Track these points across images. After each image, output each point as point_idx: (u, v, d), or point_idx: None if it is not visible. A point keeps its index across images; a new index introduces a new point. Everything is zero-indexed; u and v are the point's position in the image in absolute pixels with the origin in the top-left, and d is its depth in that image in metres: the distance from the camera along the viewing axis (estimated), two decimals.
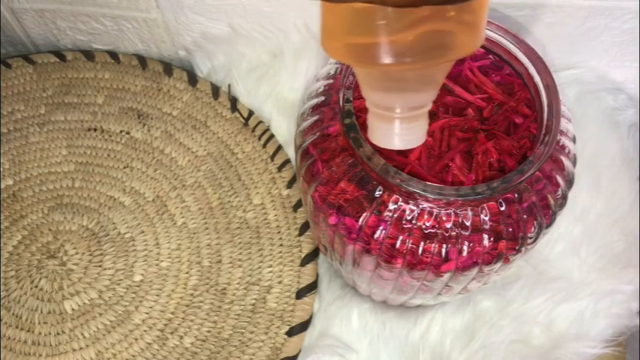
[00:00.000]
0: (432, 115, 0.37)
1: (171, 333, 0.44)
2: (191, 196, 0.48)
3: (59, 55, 0.53)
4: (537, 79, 0.35)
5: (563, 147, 0.36)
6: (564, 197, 0.36)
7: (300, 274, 0.46)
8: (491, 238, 0.33)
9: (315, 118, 0.37)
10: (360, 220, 0.34)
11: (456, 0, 0.21)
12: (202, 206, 0.48)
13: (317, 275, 0.47)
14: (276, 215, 0.48)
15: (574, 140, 0.37)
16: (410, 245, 0.34)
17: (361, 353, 0.45)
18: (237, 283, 0.46)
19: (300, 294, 0.45)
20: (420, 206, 0.33)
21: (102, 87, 0.52)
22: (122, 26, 0.51)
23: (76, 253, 0.45)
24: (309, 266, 0.46)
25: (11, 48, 0.56)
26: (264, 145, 0.50)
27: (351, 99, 0.34)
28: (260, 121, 0.51)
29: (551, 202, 0.35)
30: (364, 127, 0.36)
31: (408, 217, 0.33)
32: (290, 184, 0.49)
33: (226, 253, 0.47)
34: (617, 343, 0.45)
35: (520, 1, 0.44)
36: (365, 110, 0.36)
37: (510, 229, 0.34)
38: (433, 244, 0.33)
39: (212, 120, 0.51)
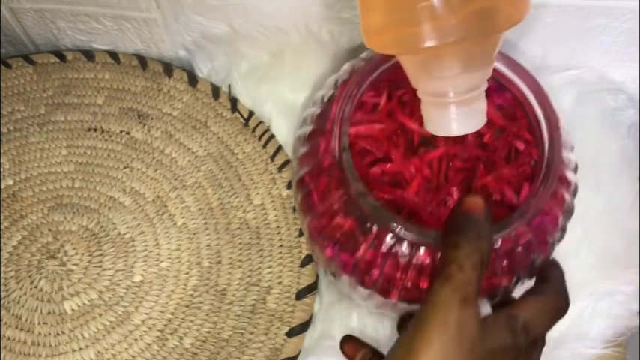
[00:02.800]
0: (430, 144, 0.36)
1: (171, 333, 0.44)
2: (191, 196, 0.48)
3: (59, 55, 0.53)
4: (539, 112, 0.34)
5: (562, 180, 0.35)
6: (563, 229, 0.35)
7: (300, 275, 0.46)
8: (487, 274, 0.33)
9: (310, 147, 0.36)
10: (356, 254, 0.33)
11: None
12: (202, 207, 0.48)
13: (317, 276, 0.47)
14: (276, 216, 0.48)
15: (575, 170, 0.36)
16: (406, 281, 0.33)
17: None
18: (237, 284, 0.46)
19: (300, 295, 0.46)
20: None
21: (102, 87, 0.52)
22: (122, 26, 0.51)
23: (76, 254, 0.45)
24: (309, 267, 0.46)
25: (11, 48, 0.56)
26: (265, 146, 0.50)
27: (348, 145, 0.33)
28: (260, 122, 0.51)
29: (549, 239, 0.34)
30: (360, 155, 0.35)
31: (405, 253, 0.32)
32: (290, 184, 0.49)
33: (226, 254, 0.47)
34: (617, 344, 0.45)
35: None
36: (360, 138, 0.36)
37: (505, 264, 0.33)
38: (429, 280, 0.33)
39: (212, 120, 0.51)
